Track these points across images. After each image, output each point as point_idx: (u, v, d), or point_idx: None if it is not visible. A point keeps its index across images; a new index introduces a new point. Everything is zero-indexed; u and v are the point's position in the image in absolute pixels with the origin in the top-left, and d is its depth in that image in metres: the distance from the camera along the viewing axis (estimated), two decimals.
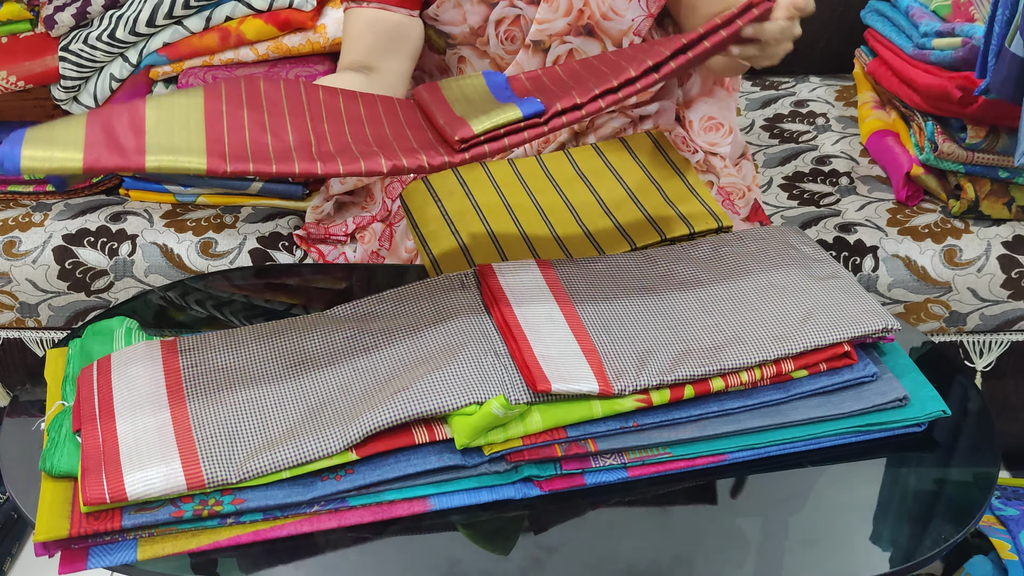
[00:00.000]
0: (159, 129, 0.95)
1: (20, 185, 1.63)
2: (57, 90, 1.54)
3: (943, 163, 1.57)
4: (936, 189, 1.62)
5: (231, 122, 0.99)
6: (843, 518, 0.98)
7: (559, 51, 1.44)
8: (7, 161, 0.88)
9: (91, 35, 1.48)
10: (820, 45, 2.15)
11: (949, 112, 1.55)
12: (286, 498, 0.94)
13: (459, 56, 1.49)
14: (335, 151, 0.99)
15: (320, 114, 1.06)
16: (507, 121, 1.01)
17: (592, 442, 0.99)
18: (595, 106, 1.03)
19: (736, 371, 1.02)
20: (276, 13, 1.45)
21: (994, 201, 1.56)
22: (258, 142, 0.98)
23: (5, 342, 1.67)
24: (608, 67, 1.08)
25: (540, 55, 1.44)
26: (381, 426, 0.95)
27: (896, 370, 1.08)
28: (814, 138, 1.89)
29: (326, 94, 1.08)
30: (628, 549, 0.94)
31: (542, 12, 1.40)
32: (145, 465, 0.93)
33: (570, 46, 1.44)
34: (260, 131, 0.99)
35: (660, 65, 1.05)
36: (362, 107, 1.09)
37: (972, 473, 1.04)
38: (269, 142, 0.98)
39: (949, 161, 1.56)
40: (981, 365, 1.65)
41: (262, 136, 0.99)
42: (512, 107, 1.02)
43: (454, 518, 0.97)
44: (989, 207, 1.56)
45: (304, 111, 1.05)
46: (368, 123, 1.07)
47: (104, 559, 0.92)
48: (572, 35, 1.43)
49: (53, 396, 1.06)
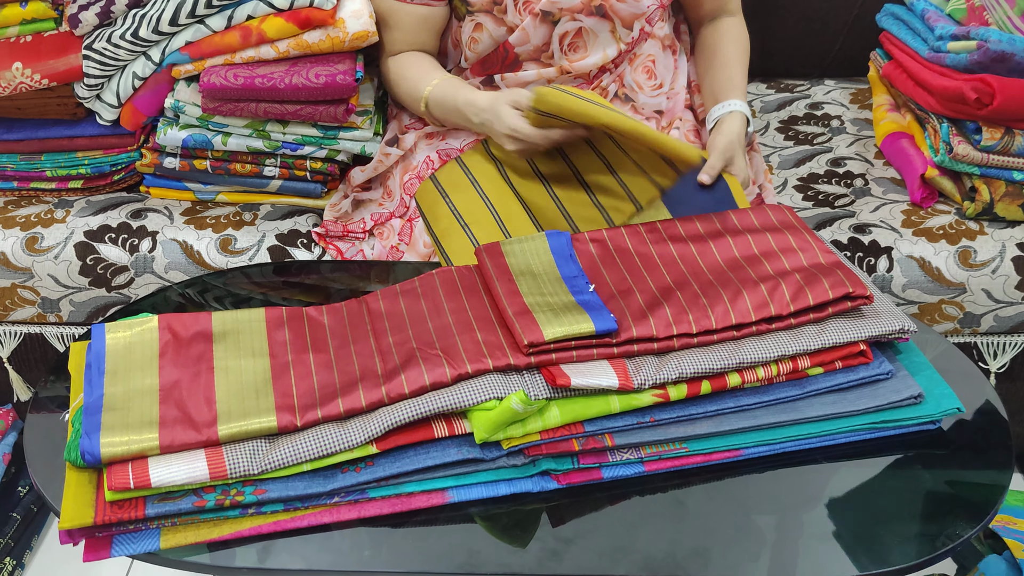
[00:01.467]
0: (229, 398, 0.99)
1: (43, 182, 1.65)
2: (80, 88, 1.55)
3: (958, 165, 1.57)
4: (951, 191, 1.62)
5: (297, 370, 1.03)
6: (856, 514, 0.98)
7: (567, 27, 1.47)
8: (88, 454, 0.93)
9: (114, 34, 1.49)
10: (835, 48, 2.15)
11: (964, 115, 1.55)
12: (307, 489, 0.95)
13: (476, 23, 1.51)
14: (401, 364, 1.02)
15: (383, 328, 1.09)
16: (579, 334, 1.02)
17: (609, 436, 1.00)
18: (668, 344, 1.04)
19: (752, 367, 1.03)
20: (297, 11, 1.46)
21: (1009, 203, 1.56)
22: (325, 383, 1.02)
23: (26, 337, 1.69)
24: (682, 286, 1.10)
25: (548, 26, 1.46)
26: (401, 421, 0.97)
27: (911, 368, 1.09)
28: (829, 140, 1.90)
29: (387, 302, 1.12)
30: (644, 542, 0.95)
31: None
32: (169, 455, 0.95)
33: (580, 24, 1.46)
34: (327, 371, 1.03)
35: (743, 326, 1.06)
36: (423, 301, 1.12)
37: (985, 472, 1.04)
38: (336, 379, 1.02)
39: (964, 163, 1.56)
40: (995, 367, 1.66)
41: (329, 376, 1.03)
42: (585, 318, 1.04)
43: (472, 510, 0.98)
44: (1004, 209, 1.57)
45: (368, 332, 1.09)
46: (431, 317, 1.10)
47: (127, 547, 0.93)
48: (584, 14, 1.45)
49: (77, 389, 1.07)
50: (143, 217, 1.61)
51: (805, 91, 2.12)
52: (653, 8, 1.50)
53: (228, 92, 1.48)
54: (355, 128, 1.54)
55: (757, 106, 2.07)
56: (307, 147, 1.55)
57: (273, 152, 1.56)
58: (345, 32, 1.48)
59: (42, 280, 1.59)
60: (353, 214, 1.55)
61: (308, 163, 1.57)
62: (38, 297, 1.61)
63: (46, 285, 1.60)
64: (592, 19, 1.46)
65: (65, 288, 1.60)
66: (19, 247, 1.58)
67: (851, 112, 1.99)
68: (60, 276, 1.58)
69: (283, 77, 1.47)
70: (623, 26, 1.48)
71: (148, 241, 1.57)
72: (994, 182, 1.57)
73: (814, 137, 1.92)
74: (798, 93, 2.11)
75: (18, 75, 1.52)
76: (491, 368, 1.01)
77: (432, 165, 1.49)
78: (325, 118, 1.51)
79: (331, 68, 1.47)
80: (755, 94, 2.13)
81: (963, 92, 1.50)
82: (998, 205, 1.56)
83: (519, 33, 1.48)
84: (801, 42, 2.14)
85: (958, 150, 1.55)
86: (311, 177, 1.59)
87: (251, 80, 1.47)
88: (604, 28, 1.48)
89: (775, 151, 1.89)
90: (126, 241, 1.58)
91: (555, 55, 1.50)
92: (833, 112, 2.00)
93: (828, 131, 1.93)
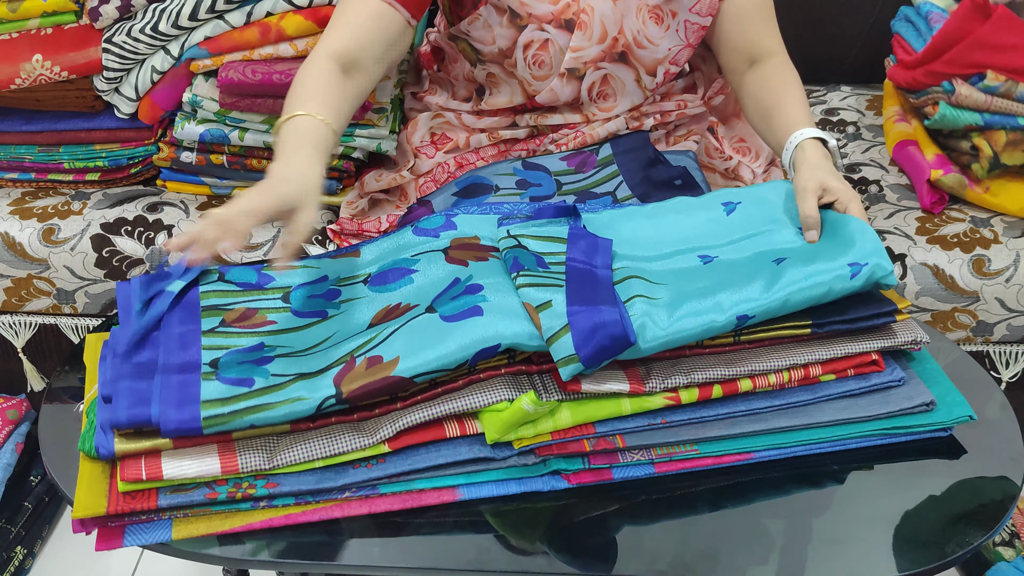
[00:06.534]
0: None
1: (60, 174, 1.66)
2: (99, 81, 1.56)
3: (961, 114, 1.57)
4: (958, 188, 1.62)
5: None
6: (866, 519, 0.98)
7: (594, 77, 1.42)
8: (102, 448, 0.94)
9: (134, 28, 1.50)
10: (852, 54, 2.15)
11: (966, 64, 1.57)
12: (318, 483, 0.96)
13: (488, 73, 1.48)
14: None
15: None
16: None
17: (620, 438, 1.00)
18: (680, 351, 1.03)
19: (765, 373, 1.03)
20: (316, 9, 1.47)
21: (1012, 150, 1.56)
22: None
23: (41, 328, 1.70)
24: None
25: (575, 82, 1.42)
26: (414, 422, 0.97)
27: (923, 375, 1.09)
28: (844, 146, 1.90)
29: None
30: (653, 543, 0.96)
31: (576, 40, 1.37)
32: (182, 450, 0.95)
33: (604, 72, 1.42)
34: None
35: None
36: None
37: (996, 480, 1.04)
38: None
39: (967, 107, 1.55)
40: (1007, 376, 1.65)
41: None
42: None
43: (482, 508, 0.98)
44: (1009, 157, 1.56)
45: None
46: None
47: (139, 537, 0.94)
48: (607, 61, 1.40)
49: (91, 380, 1.08)
50: (159, 211, 1.61)
51: (821, 97, 2.12)
52: (678, 50, 1.43)
53: (246, 88, 1.48)
54: (371, 126, 1.55)
55: None
56: None
57: None
58: None
59: (58, 271, 1.60)
60: (370, 213, 1.55)
61: None
62: (54, 288, 1.62)
63: (62, 276, 1.61)
64: (614, 65, 1.41)
65: (81, 280, 1.61)
66: (36, 238, 1.59)
67: (867, 118, 1.99)
68: (76, 268, 1.59)
69: None
70: (647, 73, 1.43)
71: (164, 235, 1.58)
72: (993, 135, 1.56)
73: None
74: (814, 99, 2.11)
75: (38, 67, 1.53)
76: (502, 372, 1.01)
77: (447, 170, 1.49)
78: None
79: None
80: None
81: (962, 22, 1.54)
82: (1003, 155, 1.56)
83: (547, 94, 1.43)
84: (818, 48, 2.14)
85: (960, 90, 1.54)
86: (326, 174, 1.59)
87: (269, 76, 1.48)
88: (629, 76, 1.43)
89: None
90: (142, 234, 1.58)
91: (585, 105, 1.47)
92: (849, 118, 2.00)
93: (844, 137, 1.93)
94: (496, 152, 1.50)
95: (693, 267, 1.09)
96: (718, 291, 1.01)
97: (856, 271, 1.02)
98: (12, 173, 1.66)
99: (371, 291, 1.12)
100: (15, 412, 1.78)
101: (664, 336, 0.98)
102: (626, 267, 1.09)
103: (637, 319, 0.98)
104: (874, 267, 1.02)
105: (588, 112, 1.47)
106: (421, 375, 0.96)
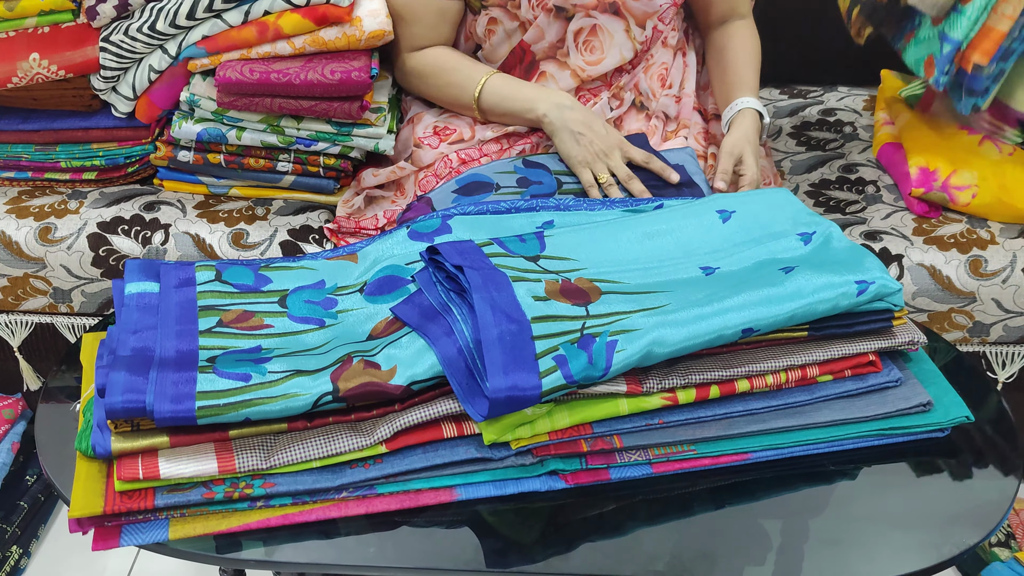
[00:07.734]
0: None
1: (57, 173, 1.65)
2: (96, 80, 1.56)
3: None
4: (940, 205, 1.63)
5: None
6: (863, 520, 0.98)
7: (582, 23, 1.48)
8: (99, 447, 0.94)
9: (132, 26, 1.50)
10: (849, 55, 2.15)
11: None
12: (315, 483, 0.96)
13: (490, 17, 1.53)
14: None
15: None
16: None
17: (618, 438, 1.00)
18: None
19: (762, 374, 1.03)
20: (314, 8, 1.46)
21: None
22: None
23: (37, 327, 1.69)
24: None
25: (562, 22, 1.48)
26: (412, 422, 0.97)
27: (920, 375, 1.09)
28: (841, 146, 1.90)
29: None
30: (650, 543, 0.96)
31: None
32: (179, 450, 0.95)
33: (594, 21, 1.48)
34: None
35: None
36: None
37: (993, 481, 1.04)
38: None
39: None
40: (1003, 376, 1.65)
41: None
42: None
43: (480, 508, 0.98)
44: None
45: None
46: None
47: (136, 537, 0.93)
48: (598, 11, 1.47)
49: (88, 379, 1.08)
50: (156, 210, 1.61)
51: (818, 97, 2.12)
52: (666, 7, 1.51)
53: (243, 87, 1.48)
54: (369, 125, 1.54)
55: (770, 111, 2.08)
56: (321, 143, 1.55)
57: (287, 147, 1.57)
58: (362, 30, 1.49)
59: (54, 270, 1.60)
60: (366, 210, 1.55)
61: (321, 159, 1.57)
62: (50, 287, 1.62)
63: (58, 275, 1.60)
64: (606, 16, 1.48)
65: (77, 279, 1.61)
66: (32, 237, 1.58)
67: (864, 119, 1.99)
68: (72, 267, 1.59)
69: (298, 73, 1.47)
70: (636, 24, 1.49)
71: (161, 234, 1.58)
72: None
73: (826, 143, 1.92)
74: (811, 99, 2.11)
75: (35, 66, 1.53)
76: None
77: (450, 164, 1.49)
78: (339, 115, 1.51)
79: (346, 65, 1.48)
80: (768, 99, 2.13)
81: None
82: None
83: (534, 30, 1.49)
84: (815, 48, 2.14)
85: None
86: (324, 173, 1.59)
87: (267, 75, 1.47)
88: (619, 27, 1.49)
89: (787, 156, 1.89)
90: (139, 233, 1.58)
91: (571, 53, 1.51)
92: (846, 119, 2.00)
93: (840, 137, 1.93)
94: (499, 148, 1.51)
95: (695, 278, 1.08)
96: (723, 305, 1.01)
97: (863, 287, 1.02)
98: (8, 172, 1.66)
99: (368, 302, 1.12)
100: (11, 411, 1.78)
101: (667, 354, 0.98)
102: (603, 277, 1.07)
103: (643, 335, 0.97)
104: (880, 286, 1.03)
105: (575, 66, 1.51)
106: (418, 383, 0.97)
